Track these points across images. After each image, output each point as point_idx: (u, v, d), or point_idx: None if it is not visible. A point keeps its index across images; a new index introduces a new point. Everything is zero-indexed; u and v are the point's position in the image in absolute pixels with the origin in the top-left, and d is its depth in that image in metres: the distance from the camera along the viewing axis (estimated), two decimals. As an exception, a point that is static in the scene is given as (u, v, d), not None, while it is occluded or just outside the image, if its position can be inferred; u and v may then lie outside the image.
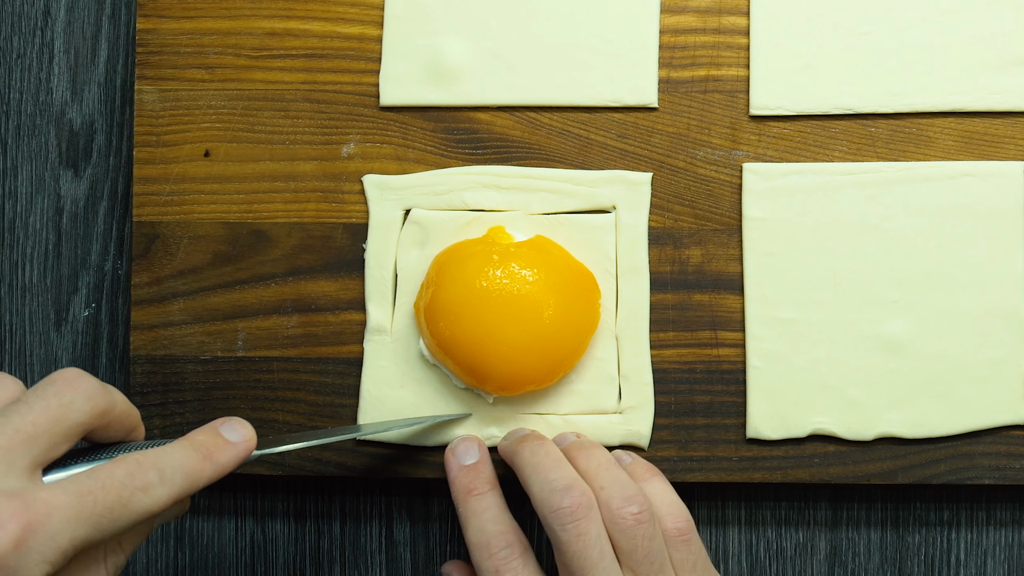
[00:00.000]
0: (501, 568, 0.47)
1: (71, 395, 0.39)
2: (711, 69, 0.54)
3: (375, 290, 0.54)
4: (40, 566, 0.35)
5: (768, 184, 0.53)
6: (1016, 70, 0.53)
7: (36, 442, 0.37)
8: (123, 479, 0.38)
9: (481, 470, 0.50)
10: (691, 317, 0.53)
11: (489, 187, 0.54)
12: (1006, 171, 0.53)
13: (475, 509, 0.49)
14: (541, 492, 0.47)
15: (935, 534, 0.55)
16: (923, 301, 0.52)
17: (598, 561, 0.46)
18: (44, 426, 0.38)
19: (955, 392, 0.52)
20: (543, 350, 0.50)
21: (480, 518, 0.49)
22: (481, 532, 0.48)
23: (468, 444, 0.51)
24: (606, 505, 0.47)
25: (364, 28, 0.54)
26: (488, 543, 0.48)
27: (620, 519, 0.47)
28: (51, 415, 0.38)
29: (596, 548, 0.47)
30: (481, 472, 0.50)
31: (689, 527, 0.48)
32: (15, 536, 0.35)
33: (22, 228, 0.57)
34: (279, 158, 0.54)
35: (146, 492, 0.38)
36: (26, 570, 0.35)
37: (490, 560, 0.48)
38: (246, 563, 0.57)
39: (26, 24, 0.58)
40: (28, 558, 0.35)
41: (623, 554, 0.47)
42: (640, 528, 0.47)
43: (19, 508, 0.35)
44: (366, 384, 0.53)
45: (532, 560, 0.48)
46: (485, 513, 0.49)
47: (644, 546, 0.47)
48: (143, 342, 0.54)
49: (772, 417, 0.53)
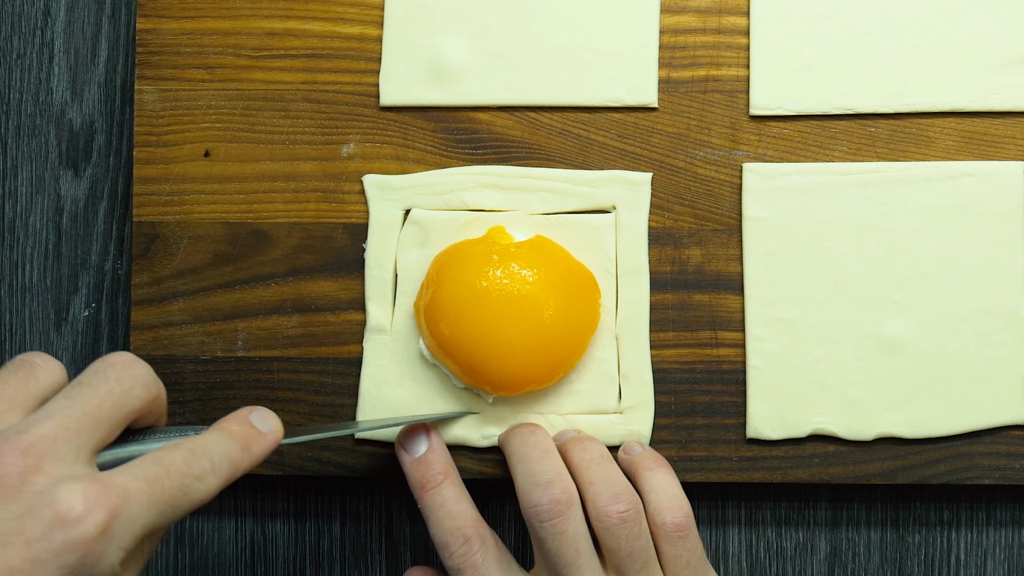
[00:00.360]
0: (462, 566, 0.47)
1: (130, 381, 0.39)
2: (711, 69, 0.54)
3: (375, 290, 0.54)
4: (118, 552, 0.35)
5: (768, 184, 0.53)
6: (1016, 70, 0.53)
7: (100, 426, 0.37)
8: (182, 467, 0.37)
9: (431, 461, 0.50)
10: (691, 317, 0.53)
11: (489, 187, 0.54)
12: (1006, 171, 0.53)
13: (431, 505, 0.49)
14: (524, 485, 0.47)
15: (935, 534, 0.55)
16: (923, 301, 0.52)
17: (574, 559, 0.46)
18: (109, 411, 0.37)
19: (955, 392, 0.52)
20: (543, 350, 0.50)
21: (436, 514, 0.48)
22: (439, 529, 0.48)
23: (414, 435, 0.50)
24: (592, 501, 0.47)
25: (364, 28, 0.54)
26: (447, 541, 0.48)
27: (605, 516, 0.47)
28: (114, 400, 0.38)
29: (572, 547, 0.46)
30: (432, 463, 0.49)
31: (688, 523, 0.48)
32: (102, 522, 0.34)
33: (22, 228, 0.57)
34: (279, 158, 0.54)
35: (201, 481, 0.38)
36: (108, 556, 0.34)
37: (451, 559, 0.48)
38: (246, 563, 0.57)
39: (26, 24, 0.58)
40: (111, 544, 0.34)
41: (607, 551, 0.47)
42: (624, 527, 0.47)
43: (103, 493, 0.34)
44: (365, 383, 0.53)
45: (492, 549, 0.48)
46: (440, 509, 0.48)
47: (627, 545, 0.47)
48: (143, 342, 0.54)
49: (772, 417, 0.53)
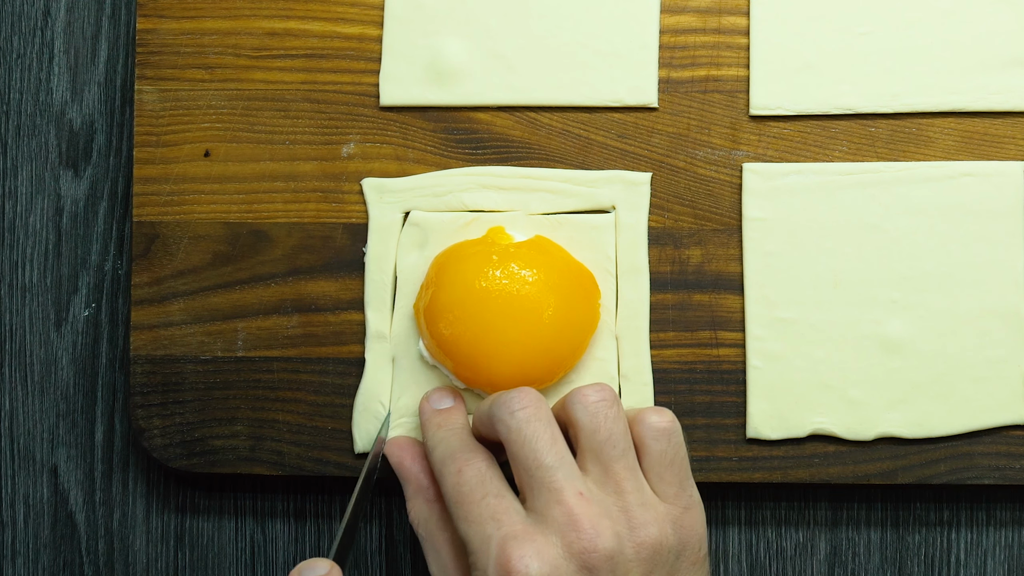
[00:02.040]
0: (464, 467, 0.46)
1: None
2: (711, 69, 0.54)
3: (375, 295, 0.54)
4: None
5: (768, 184, 0.53)
6: (1016, 70, 0.53)
7: None
8: None
9: (453, 411, 0.50)
10: (691, 317, 0.53)
11: (488, 188, 0.54)
12: (1006, 171, 0.53)
13: (442, 436, 0.48)
14: (492, 400, 0.47)
15: (935, 534, 0.55)
16: (923, 301, 0.52)
17: (550, 444, 0.44)
18: None
19: (955, 392, 0.52)
20: (543, 350, 0.50)
21: (447, 440, 0.48)
22: (448, 448, 0.47)
23: (442, 393, 0.51)
24: (570, 394, 0.46)
25: (364, 28, 0.54)
26: (453, 453, 0.47)
27: (582, 396, 0.46)
28: None
29: (548, 432, 0.45)
30: (453, 412, 0.50)
31: (673, 423, 0.47)
32: None
33: (22, 228, 0.57)
34: (279, 158, 0.54)
35: None
36: None
37: (454, 463, 0.46)
38: (246, 563, 0.57)
39: (26, 24, 0.58)
40: None
41: (584, 434, 0.45)
42: (603, 405, 0.45)
43: None
44: (362, 398, 0.53)
45: (497, 468, 0.46)
46: (452, 436, 0.48)
47: (607, 427, 0.45)
48: (143, 342, 0.54)
49: (772, 417, 0.53)
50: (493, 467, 0.47)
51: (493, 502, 0.45)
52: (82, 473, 0.57)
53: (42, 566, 0.57)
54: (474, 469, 0.46)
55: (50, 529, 0.57)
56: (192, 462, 0.54)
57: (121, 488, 0.57)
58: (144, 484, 0.57)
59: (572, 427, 0.46)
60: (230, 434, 0.54)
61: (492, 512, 0.44)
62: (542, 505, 0.44)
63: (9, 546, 0.57)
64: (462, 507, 0.45)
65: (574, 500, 0.44)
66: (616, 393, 0.47)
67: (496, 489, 0.45)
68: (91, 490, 0.57)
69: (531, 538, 0.43)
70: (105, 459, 0.57)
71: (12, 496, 0.57)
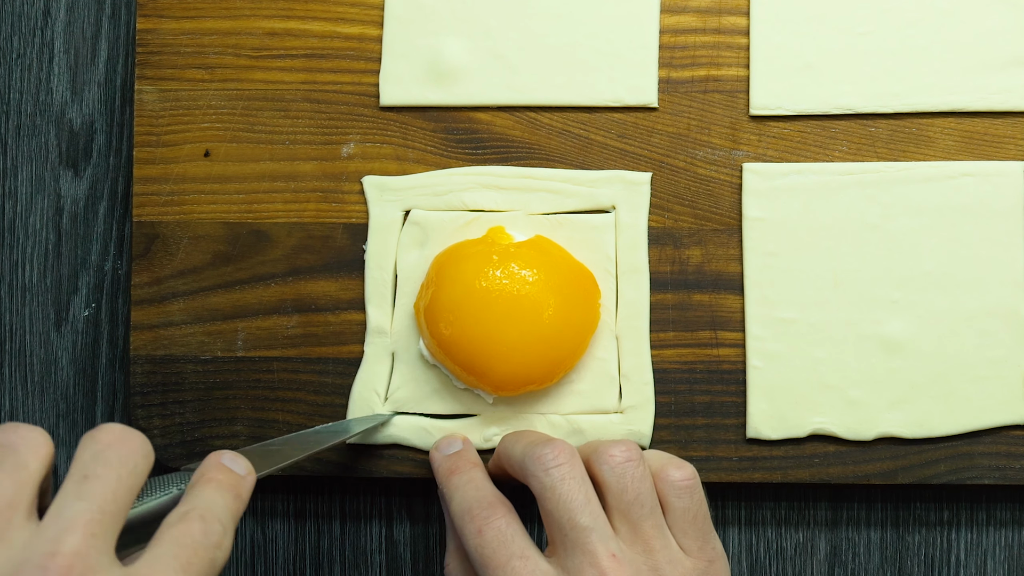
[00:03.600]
0: (483, 527, 0.45)
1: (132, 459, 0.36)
2: (711, 69, 0.54)
3: (375, 292, 0.54)
4: None
5: (768, 184, 0.53)
6: (1016, 70, 0.53)
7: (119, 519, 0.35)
8: (203, 539, 0.36)
9: (464, 455, 0.50)
10: (691, 317, 0.53)
11: (489, 187, 0.54)
12: (1006, 171, 0.53)
13: (457, 484, 0.48)
14: (524, 449, 0.47)
15: (935, 534, 0.55)
16: (923, 301, 0.52)
17: (584, 504, 0.45)
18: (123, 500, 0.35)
19: (955, 392, 0.52)
20: (543, 350, 0.50)
21: (462, 491, 0.47)
22: (464, 500, 0.47)
23: (450, 439, 0.51)
24: (595, 451, 0.46)
25: (364, 28, 0.54)
26: (470, 507, 0.46)
27: (609, 457, 0.46)
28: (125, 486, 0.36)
29: (582, 492, 0.45)
30: (464, 455, 0.50)
31: (694, 481, 0.47)
32: None
33: (22, 228, 0.57)
34: (279, 158, 0.54)
35: (220, 548, 0.37)
36: None
37: (472, 522, 0.46)
38: (246, 563, 0.57)
39: (26, 24, 0.58)
40: None
41: (612, 495, 0.46)
42: (630, 466, 0.46)
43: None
44: (358, 387, 0.53)
45: (517, 521, 0.46)
46: (467, 485, 0.48)
47: (634, 487, 0.46)
48: (143, 342, 0.54)
49: (772, 417, 0.53)
50: (513, 523, 0.46)
51: (519, 564, 0.44)
52: (82, 473, 0.57)
53: (42, 566, 0.57)
54: (494, 529, 0.45)
55: (50, 529, 0.57)
56: (192, 462, 0.54)
57: (121, 488, 0.57)
58: (144, 484, 0.57)
59: (600, 486, 0.47)
60: (230, 434, 0.54)
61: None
62: (575, 566, 0.44)
63: (9, 546, 0.57)
64: (487, 570, 0.45)
65: (608, 563, 0.44)
66: (640, 450, 0.47)
67: (520, 550, 0.45)
68: (91, 490, 0.57)
69: None
70: (105, 459, 0.57)
71: (12, 496, 0.57)
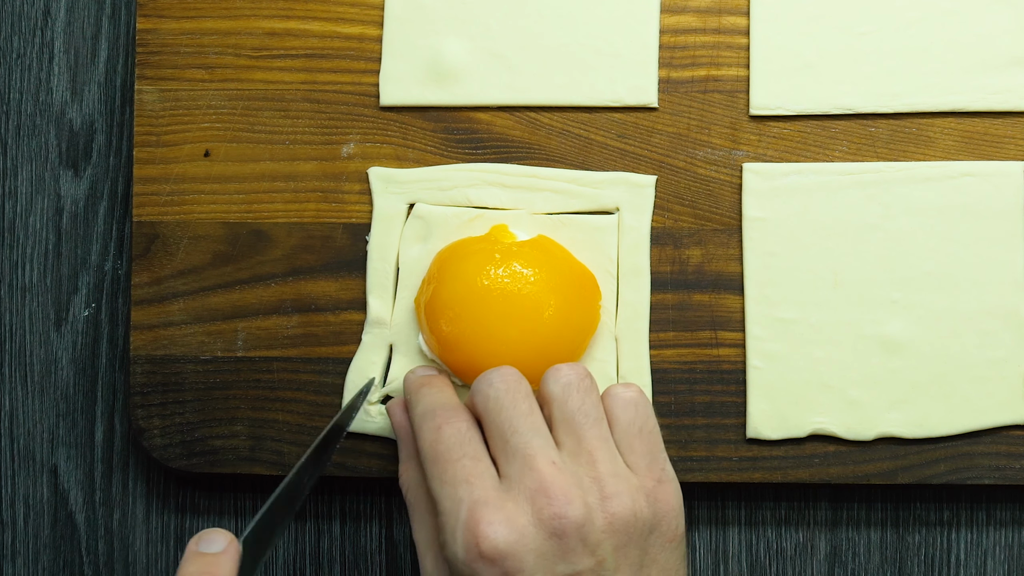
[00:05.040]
0: (444, 425, 0.45)
1: None
2: (711, 69, 0.54)
3: (376, 283, 0.54)
4: None
5: (768, 184, 0.53)
6: (1016, 70, 0.53)
7: None
8: None
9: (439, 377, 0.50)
10: (691, 317, 0.53)
11: (494, 185, 0.54)
12: (1006, 171, 0.53)
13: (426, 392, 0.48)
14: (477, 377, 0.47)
15: (935, 534, 0.55)
16: (923, 301, 0.52)
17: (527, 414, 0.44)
18: None
19: (955, 392, 0.52)
20: (542, 350, 0.50)
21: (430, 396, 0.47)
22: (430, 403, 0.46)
23: (428, 367, 0.51)
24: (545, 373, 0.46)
25: (364, 28, 0.54)
26: (435, 409, 0.46)
27: (555, 371, 0.46)
28: None
29: (525, 403, 0.45)
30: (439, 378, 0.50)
31: (641, 394, 0.47)
32: None
33: (22, 228, 0.57)
34: (279, 158, 0.54)
35: None
36: None
37: (434, 419, 0.45)
38: (246, 563, 0.57)
39: (26, 24, 0.58)
40: None
41: (556, 405, 0.45)
42: (575, 377, 0.45)
43: None
44: (352, 375, 0.53)
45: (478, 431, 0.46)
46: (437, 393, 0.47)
47: (579, 396, 0.45)
48: (143, 342, 0.54)
49: (772, 417, 0.53)
50: (474, 429, 0.45)
51: (469, 464, 0.44)
52: (82, 473, 0.57)
53: (42, 566, 0.57)
54: (454, 428, 0.45)
55: (50, 529, 0.57)
56: (192, 462, 0.54)
57: (121, 488, 0.57)
58: (144, 484, 0.57)
59: (546, 402, 0.46)
60: (230, 434, 0.54)
61: (466, 475, 0.44)
62: (515, 472, 0.43)
63: (9, 546, 0.57)
64: (437, 465, 0.44)
65: (546, 468, 0.43)
66: (591, 373, 0.47)
67: (474, 451, 0.44)
68: (91, 490, 0.57)
69: (501, 504, 0.43)
70: (105, 459, 0.57)
71: (12, 496, 0.57)
